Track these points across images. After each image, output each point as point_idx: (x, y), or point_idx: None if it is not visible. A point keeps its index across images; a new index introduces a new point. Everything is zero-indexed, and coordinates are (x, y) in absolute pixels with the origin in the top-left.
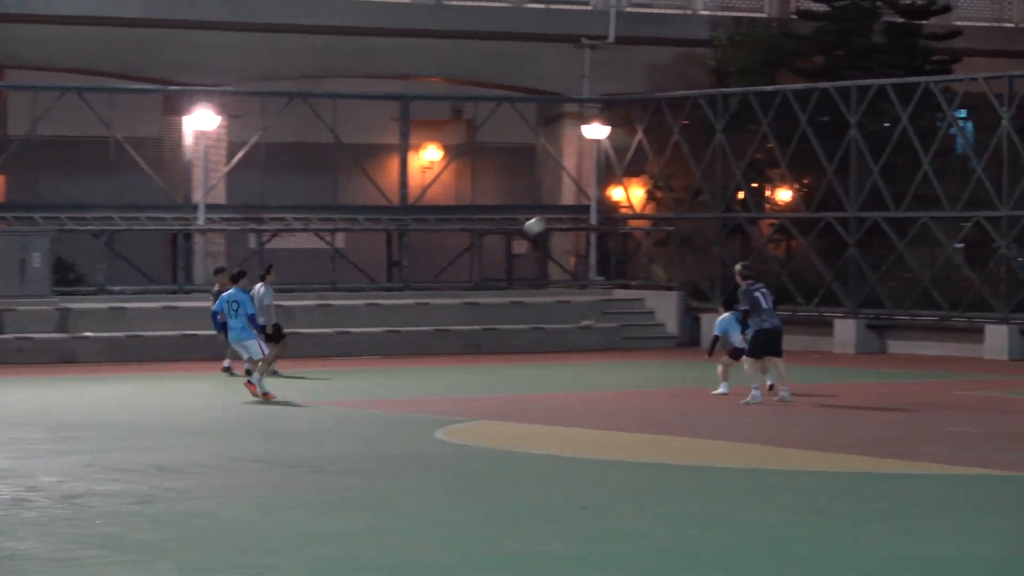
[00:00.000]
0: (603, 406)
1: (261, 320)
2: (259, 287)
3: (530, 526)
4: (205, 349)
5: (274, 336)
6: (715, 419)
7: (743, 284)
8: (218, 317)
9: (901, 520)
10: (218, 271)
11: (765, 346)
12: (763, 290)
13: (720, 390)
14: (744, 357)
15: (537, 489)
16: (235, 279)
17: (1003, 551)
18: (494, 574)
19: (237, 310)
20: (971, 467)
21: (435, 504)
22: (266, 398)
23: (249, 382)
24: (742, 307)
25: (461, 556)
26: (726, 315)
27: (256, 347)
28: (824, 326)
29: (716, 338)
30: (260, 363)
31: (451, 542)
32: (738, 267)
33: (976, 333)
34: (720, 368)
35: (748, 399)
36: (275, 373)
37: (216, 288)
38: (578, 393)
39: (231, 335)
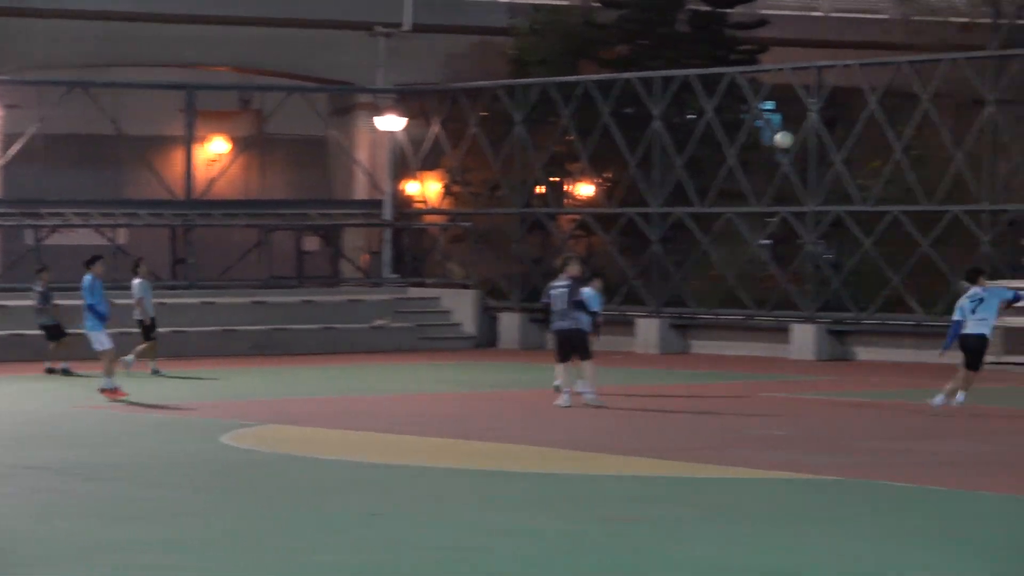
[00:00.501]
0: (397, 409)
1: (136, 315)
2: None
3: (314, 535)
4: None
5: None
6: (514, 423)
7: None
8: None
9: (706, 526)
10: (40, 269)
11: (558, 349)
12: (560, 289)
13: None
14: None
15: (325, 495)
16: (88, 264)
17: (812, 558)
18: None
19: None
20: (779, 471)
21: (214, 513)
22: (115, 395)
23: (102, 389)
24: (543, 300)
25: (216, 566)
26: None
27: (96, 339)
28: (627, 325)
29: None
30: (104, 361)
31: (221, 552)
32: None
33: (782, 332)
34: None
35: (559, 402)
36: (156, 372)
37: (40, 287)
38: (371, 396)
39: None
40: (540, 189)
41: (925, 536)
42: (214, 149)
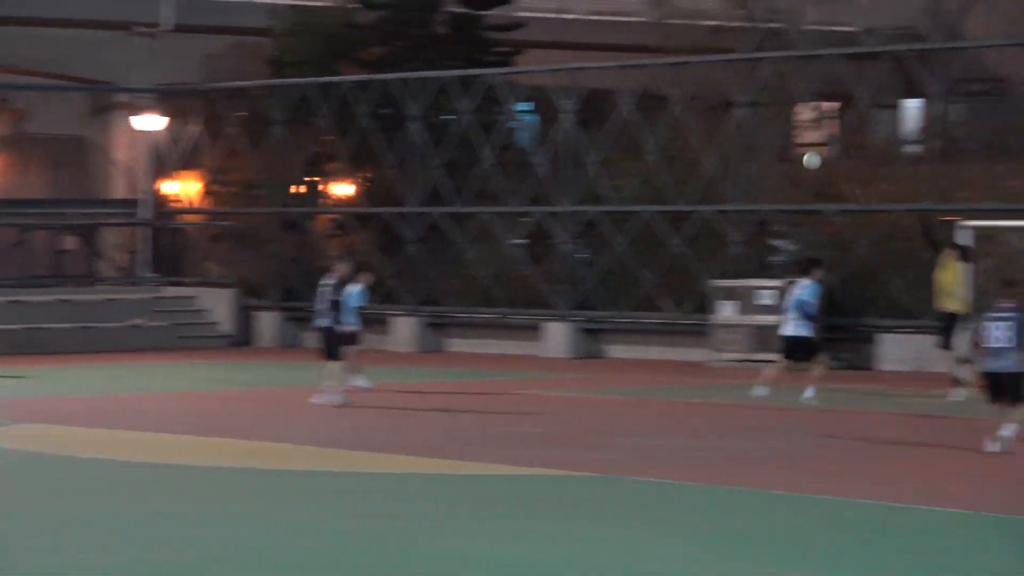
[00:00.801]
0: (153, 407)
1: None
2: None
3: (64, 533)
4: None
5: None
6: (273, 420)
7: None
8: None
9: (458, 521)
10: None
11: (320, 347)
12: (324, 287)
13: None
14: None
15: (80, 495)
16: None
17: (561, 551)
18: None
19: None
20: (532, 467)
21: None
22: None
23: None
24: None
25: None
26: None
27: None
28: (382, 324)
29: None
30: None
31: None
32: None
33: (536, 331)
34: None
35: (317, 399)
36: None
37: None
38: (129, 395)
39: None
40: (299, 189)
41: (674, 528)
42: None
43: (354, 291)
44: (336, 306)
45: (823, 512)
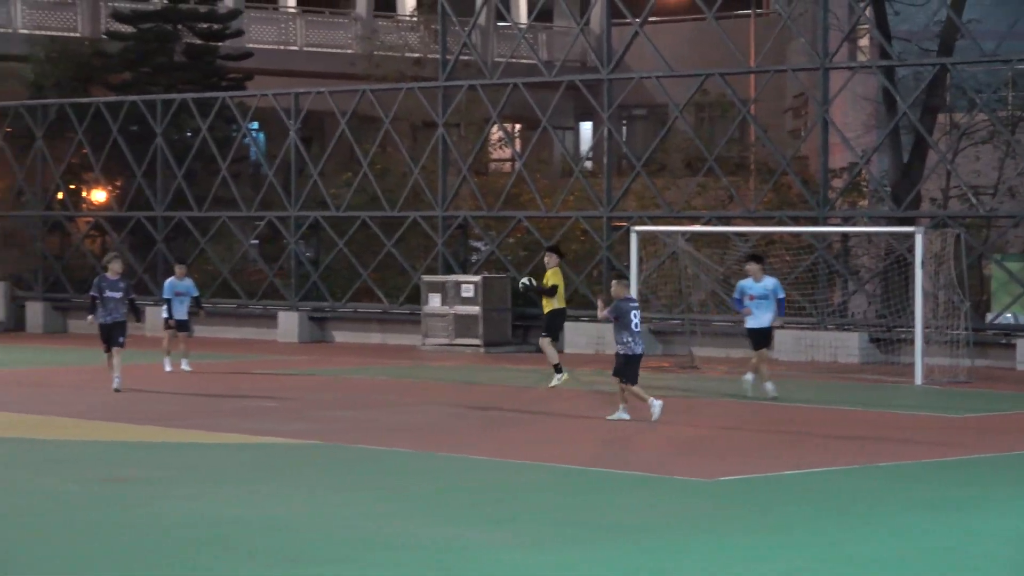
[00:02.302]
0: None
1: None
2: None
3: None
4: None
5: None
6: (35, 397)
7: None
8: None
9: (183, 485)
10: None
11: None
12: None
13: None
14: None
15: None
16: None
17: (298, 511)
18: None
19: None
20: (263, 436)
21: None
22: None
23: None
24: (92, 293)
25: None
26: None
27: None
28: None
29: None
30: None
31: None
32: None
33: (271, 319)
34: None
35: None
36: None
37: None
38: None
39: None
40: (60, 195)
41: (366, 493)
42: None
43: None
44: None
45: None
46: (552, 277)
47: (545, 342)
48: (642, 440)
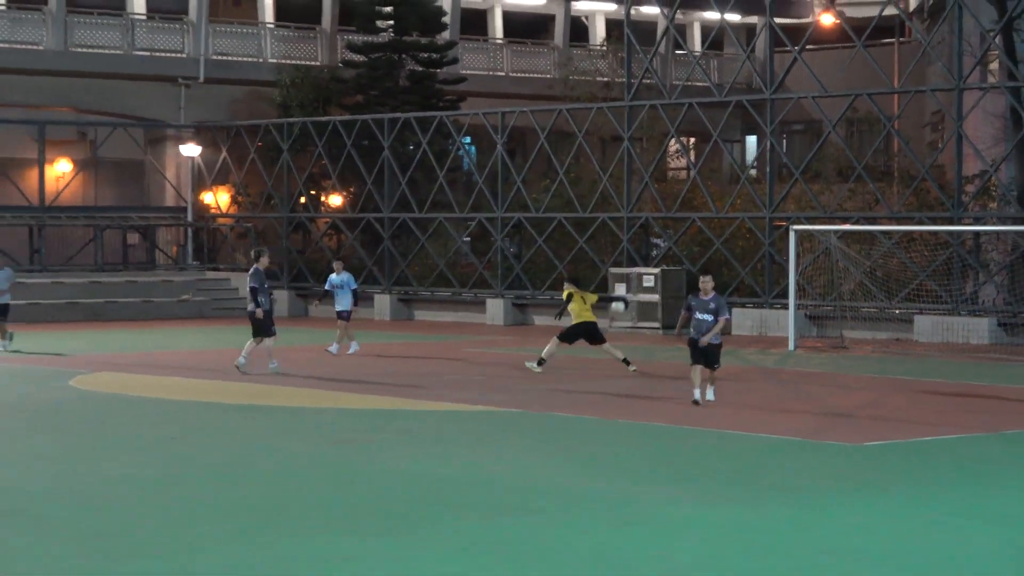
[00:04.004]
0: (196, 361)
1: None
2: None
3: (126, 455)
4: None
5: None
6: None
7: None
8: None
9: (408, 446)
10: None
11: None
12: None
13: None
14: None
15: (141, 425)
16: None
17: (485, 469)
18: (72, 493)
19: None
20: (472, 405)
21: (50, 438)
22: None
23: None
24: (251, 285)
25: (51, 481)
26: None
27: None
28: (366, 299)
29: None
30: None
31: (48, 469)
32: (257, 253)
33: (480, 305)
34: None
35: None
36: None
37: None
38: (177, 351)
39: None
40: (302, 199)
41: (559, 454)
42: (60, 168)
43: (340, 279)
44: (255, 293)
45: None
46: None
47: (555, 340)
48: (798, 410)
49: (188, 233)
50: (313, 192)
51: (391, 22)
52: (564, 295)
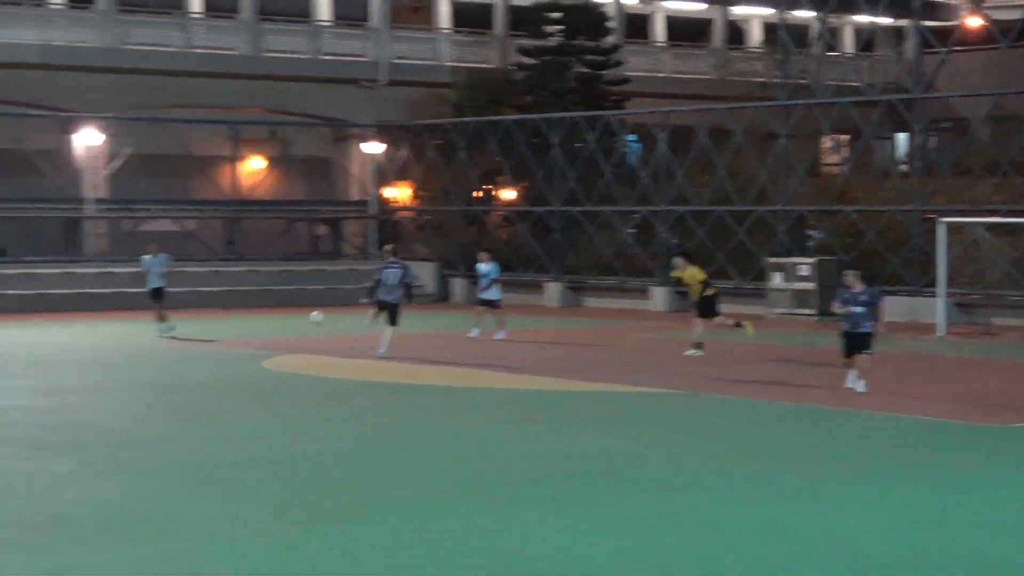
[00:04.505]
0: (376, 344)
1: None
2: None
3: (314, 431)
4: (92, 303)
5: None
6: (456, 351)
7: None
8: None
9: (577, 424)
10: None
11: (385, 314)
12: (393, 269)
13: (472, 334)
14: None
15: (330, 403)
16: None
17: (650, 446)
18: (270, 464)
19: None
20: (639, 386)
21: (249, 415)
22: None
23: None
24: (375, 276)
25: (252, 454)
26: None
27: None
28: (538, 287)
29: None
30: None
31: (249, 443)
32: (387, 247)
33: (644, 293)
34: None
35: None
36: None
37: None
38: (361, 335)
39: None
40: (478, 194)
41: (721, 434)
42: (253, 165)
43: (487, 268)
44: (401, 286)
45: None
46: (690, 275)
47: (698, 321)
48: (949, 392)
49: (371, 225)
50: (487, 187)
51: (560, 27)
52: (679, 274)
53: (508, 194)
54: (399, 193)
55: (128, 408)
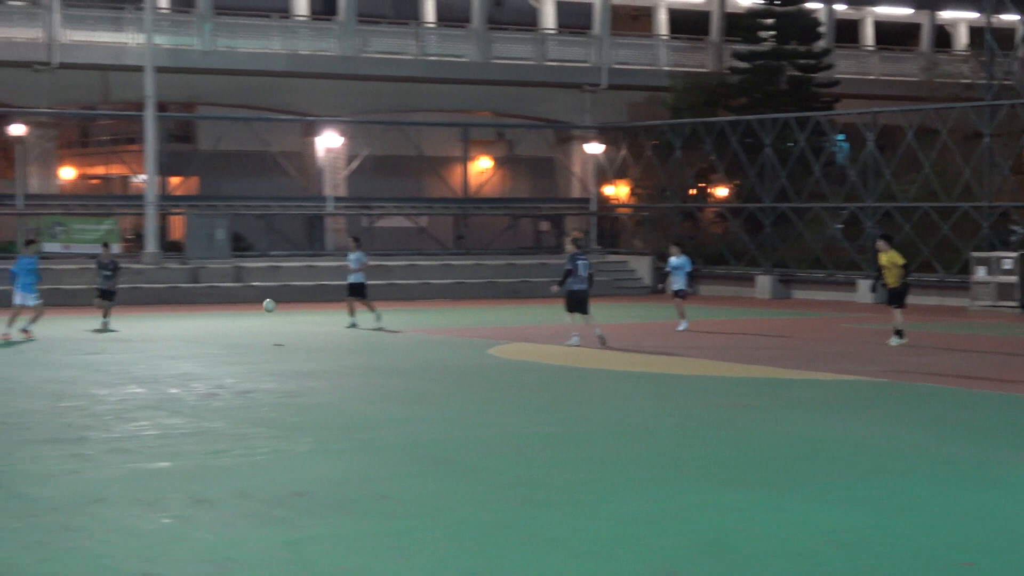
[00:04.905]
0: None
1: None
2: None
3: (539, 414)
4: (332, 294)
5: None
6: (672, 341)
7: (572, 250)
8: None
9: (789, 411)
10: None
11: (572, 303)
12: (584, 260)
13: (680, 327)
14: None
15: (552, 389)
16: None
17: (859, 431)
18: (497, 445)
19: None
20: (847, 374)
21: (477, 399)
22: None
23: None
24: (567, 267)
25: (480, 435)
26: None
27: None
28: (749, 280)
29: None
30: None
31: (477, 426)
32: (569, 241)
33: (851, 285)
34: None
35: (569, 342)
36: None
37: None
38: (581, 324)
39: None
40: (692, 191)
41: (924, 421)
42: (481, 165)
43: (679, 261)
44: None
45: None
46: (889, 258)
47: (897, 311)
48: None
49: (592, 221)
50: (701, 185)
51: (772, 33)
52: (884, 259)
53: (721, 191)
54: (617, 190)
55: (361, 392)
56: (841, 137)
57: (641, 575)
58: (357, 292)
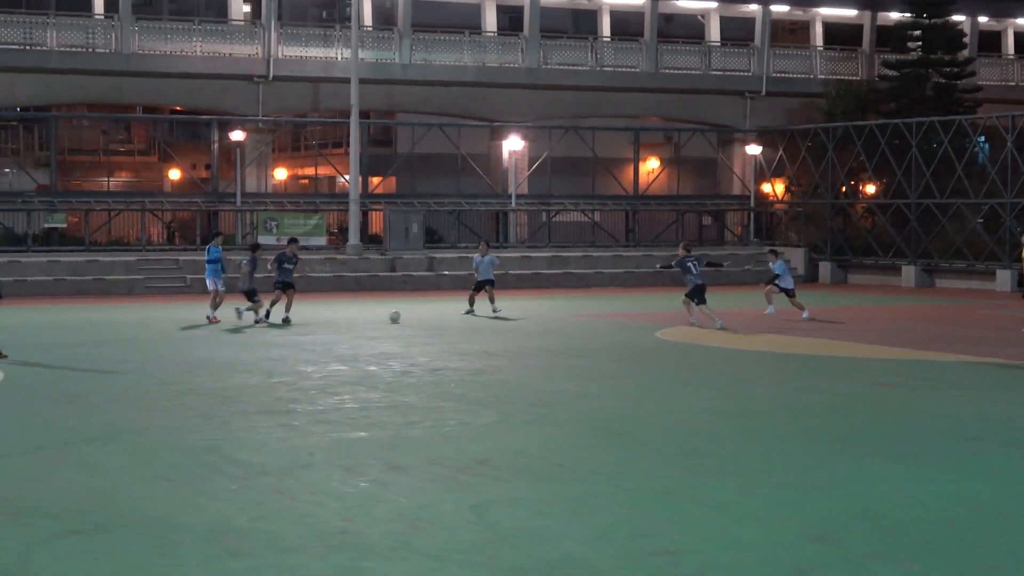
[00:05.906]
0: (751, 318)
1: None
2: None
3: (705, 391)
4: (517, 283)
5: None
6: (818, 326)
7: (682, 254)
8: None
9: (933, 390)
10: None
11: (692, 294)
12: (694, 261)
13: (768, 311)
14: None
15: (713, 368)
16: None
17: (999, 409)
18: (665, 419)
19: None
20: (986, 357)
21: (645, 377)
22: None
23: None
24: (674, 267)
25: (649, 410)
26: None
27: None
28: (895, 270)
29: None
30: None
31: (646, 401)
32: (681, 246)
33: (990, 275)
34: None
35: (692, 319)
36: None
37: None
38: (744, 310)
39: None
40: (843, 188)
41: None
42: (650, 165)
43: (782, 266)
44: (701, 272)
45: None
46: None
47: None
48: None
49: (750, 216)
50: (852, 182)
51: (920, 44)
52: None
53: (870, 189)
54: (774, 188)
55: (540, 369)
56: (982, 139)
57: (797, 537)
58: (481, 287)
